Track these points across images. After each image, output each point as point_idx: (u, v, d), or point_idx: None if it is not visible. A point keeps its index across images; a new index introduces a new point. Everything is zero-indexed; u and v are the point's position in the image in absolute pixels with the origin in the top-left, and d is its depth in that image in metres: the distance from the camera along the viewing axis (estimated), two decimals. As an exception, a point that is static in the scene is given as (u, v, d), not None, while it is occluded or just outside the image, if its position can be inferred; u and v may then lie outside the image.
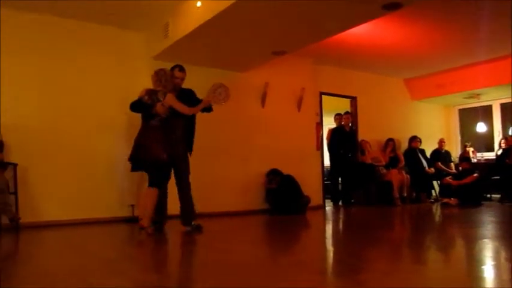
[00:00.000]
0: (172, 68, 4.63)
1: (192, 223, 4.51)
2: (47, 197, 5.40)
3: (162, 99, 4.29)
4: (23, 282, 2.53)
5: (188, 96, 4.62)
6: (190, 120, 4.68)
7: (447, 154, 9.32)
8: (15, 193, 5.00)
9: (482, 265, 2.88)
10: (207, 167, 6.28)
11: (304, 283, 2.40)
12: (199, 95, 4.80)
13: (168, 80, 4.44)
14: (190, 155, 4.72)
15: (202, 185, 6.19)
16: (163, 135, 4.35)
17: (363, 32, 6.27)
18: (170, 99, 4.32)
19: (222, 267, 3.00)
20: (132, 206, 5.80)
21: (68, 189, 5.55)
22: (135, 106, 4.43)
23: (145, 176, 5.96)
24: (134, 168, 4.49)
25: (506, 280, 2.46)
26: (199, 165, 5.95)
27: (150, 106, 4.29)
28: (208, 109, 4.65)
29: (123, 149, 5.78)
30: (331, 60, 7.82)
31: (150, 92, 4.36)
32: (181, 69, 4.66)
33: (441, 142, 9.21)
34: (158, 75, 4.43)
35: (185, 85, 5.74)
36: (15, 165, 5.08)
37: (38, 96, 5.49)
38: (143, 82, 6.15)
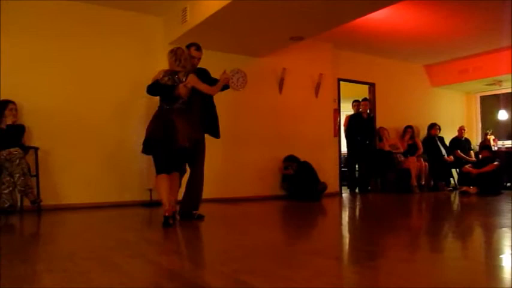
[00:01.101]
0: (188, 47, 4.32)
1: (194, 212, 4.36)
2: (67, 180, 5.52)
3: (183, 79, 3.97)
4: (45, 262, 2.60)
5: (205, 76, 4.34)
6: (209, 103, 4.45)
7: (467, 142, 9.18)
8: (37, 176, 5.11)
9: (500, 254, 2.85)
10: (224, 152, 6.32)
11: (320, 268, 2.42)
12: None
13: (187, 59, 4.11)
14: (218, 138, 4.53)
15: (219, 170, 6.25)
16: (188, 119, 4.05)
17: (383, 17, 6.17)
18: (193, 80, 4.00)
19: (239, 252, 3.03)
20: (150, 190, 5.88)
21: (88, 173, 5.65)
22: (154, 89, 4.07)
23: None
24: (148, 151, 4.05)
25: (525, 269, 2.43)
26: (216, 151, 5.99)
27: (171, 88, 3.96)
28: (225, 87, 4.36)
29: (143, 133, 5.86)
30: (350, 46, 7.72)
31: (169, 73, 4.02)
32: (199, 48, 4.35)
33: (461, 130, 9.07)
34: (176, 54, 4.05)
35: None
36: (36, 148, 5.19)
37: (59, 81, 5.57)
38: (161, 67, 6.21)
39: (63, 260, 2.61)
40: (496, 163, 7.54)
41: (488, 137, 9.15)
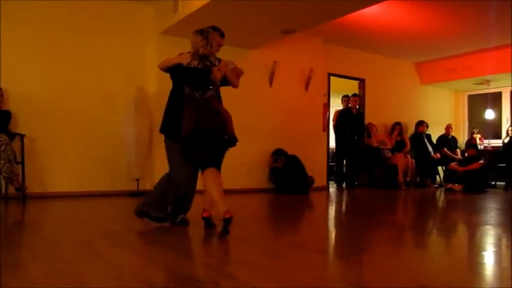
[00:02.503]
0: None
1: None
2: (53, 168, 5.47)
3: (216, 63, 3.54)
4: (29, 250, 2.58)
5: None
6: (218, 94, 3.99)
7: (453, 140, 9.27)
8: (22, 163, 5.05)
9: (483, 251, 2.90)
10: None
11: (305, 262, 2.43)
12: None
13: (216, 44, 3.61)
14: None
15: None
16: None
17: (374, 13, 6.18)
18: (226, 67, 3.57)
19: (225, 244, 3.03)
20: (138, 180, 5.85)
21: (75, 161, 5.60)
22: (184, 73, 3.47)
23: (154, 149, 6.01)
24: (195, 145, 3.39)
25: (507, 267, 2.47)
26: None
27: (206, 72, 3.49)
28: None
29: (131, 122, 5.82)
30: (341, 41, 7.73)
31: (200, 56, 3.49)
32: (223, 34, 3.89)
33: (448, 128, 9.15)
34: (208, 37, 3.53)
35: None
36: (22, 135, 5.12)
37: (47, 68, 5.50)
38: (151, 56, 6.17)
39: (47, 248, 2.59)
40: (481, 161, 7.63)
41: (474, 135, 9.26)
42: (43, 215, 4.26)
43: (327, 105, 7.80)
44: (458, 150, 9.17)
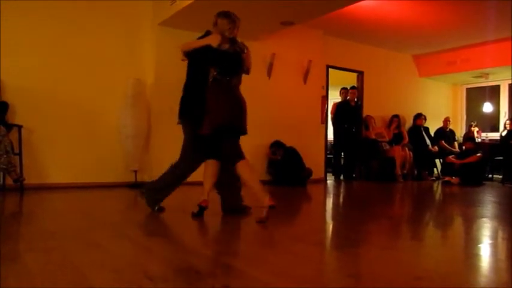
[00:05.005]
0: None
1: None
2: (51, 160, 5.46)
3: (245, 50, 3.40)
4: (27, 241, 2.58)
5: None
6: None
7: (451, 133, 9.29)
8: (20, 154, 5.04)
9: (479, 243, 2.91)
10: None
11: (302, 254, 2.44)
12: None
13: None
14: None
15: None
16: None
17: (373, 5, 6.16)
18: (250, 53, 3.41)
19: (222, 235, 3.05)
20: (135, 171, 5.85)
21: (73, 153, 5.60)
22: (212, 55, 3.27)
23: (152, 141, 6.00)
24: (217, 134, 3.30)
25: (502, 259, 2.49)
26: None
27: (239, 56, 3.33)
28: None
29: (129, 114, 5.80)
30: (340, 33, 7.71)
31: (230, 40, 3.31)
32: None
33: (446, 121, 9.16)
34: (235, 21, 3.37)
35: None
36: (20, 126, 5.10)
37: (45, 59, 5.47)
38: (148, 48, 6.14)
39: (45, 240, 2.60)
40: (479, 154, 7.65)
41: (472, 128, 9.28)
42: (41, 206, 4.27)
43: (326, 98, 7.79)
44: (456, 143, 9.19)
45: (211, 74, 3.28)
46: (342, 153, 8.17)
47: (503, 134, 8.45)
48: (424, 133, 8.76)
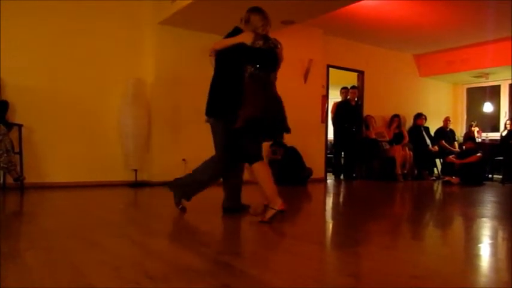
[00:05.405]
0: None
1: None
2: (51, 159, 5.46)
3: (279, 44, 3.39)
4: (27, 240, 2.58)
5: None
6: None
7: (452, 133, 9.29)
8: (20, 153, 5.04)
9: (479, 243, 2.91)
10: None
11: (303, 253, 2.44)
12: (206, 62, 4.70)
13: None
14: None
15: (207, 153, 6.23)
16: None
17: (374, 4, 6.16)
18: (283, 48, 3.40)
19: (222, 234, 3.05)
20: (135, 170, 5.85)
21: (73, 152, 5.60)
22: (248, 53, 3.24)
23: (152, 140, 6.00)
24: (254, 131, 3.23)
25: (502, 259, 2.49)
26: (203, 134, 5.95)
27: (272, 53, 3.31)
28: None
29: (129, 113, 5.80)
30: (341, 33, 7.71)
31: (263, 37, 3.29)
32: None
33: (446, 121, 9.16)
34: (267, 17, 3.38)
35: (191, 51, 5.65)
36: (20, 125, 5.10)
37: (45, 58, 5.48)
38: (149, 47, 6.14)
39: (45, 238, 2.60)
40: (479, 154, 7.65)
41: (472, 128, 9.28)
42: (41, 205, 4.27)
43: (326, 97, 7.78)
44: (456, 143, 9.19)
45: (248, 71, 3.24)
46: (342, 153, 8.17)
47: (504, 134, 8.45)
48: (424, 133, 8.76)
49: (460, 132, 9.92)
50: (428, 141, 8.72)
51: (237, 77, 3.30)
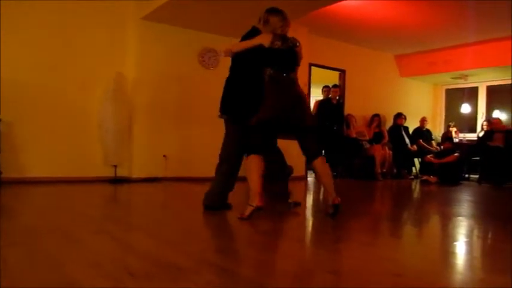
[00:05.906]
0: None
1: None
2: (30, 153, 5.37)
3: (297, 44, 3.42)
4: (6, 236, 2.54)
5: None
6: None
7: (428, 132, 9.44)
8: (-2, 147, 4.95)
9: (455, 241, 2.98)
10: (194, 133, 6.27)
11: (284, 250, 2.47)
12: (188, 59, 4.72)
13: None
14: None
15: (189, 150, 6.22)
16: None
17: (357, 4, 6.21)
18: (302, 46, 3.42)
19: (205, 232, 3.05)
20: (115, 166, 5.80)
21: (53, 147, 5.52)
22: (266, 55, 3.25)
23: (133, 136, 5.96)
24: (265, 128, 3.26)
25: (477, 257, 2.56)
26: (185, 132, 5.96)
27: (291, 53, 3.35)
28: None
29: (110, 108, 5.75)
30: (323, 31, 7.75)
31: (282, 37, 3.34)
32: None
33: (423, 121, 9.30)
34: (286, 18, 3.42)
35: (176, 48, 5.62)
36: (-2, 119, 5.01)
37: (25, 53, 5.38)
38: (131, 42, 6.08)
39: (25, 235, 2.56)
40: (456, 154, 7.81)
41: (450, 129, 9.46)
42: (20, 201, 4.19)
43: (308, 95, 7.82)
44: (433, 142, 9.34)
45: (267, 73, 3.26)
46: (323, 151, 8.21)
47: (481, 134, 8.64)
48: (404, 132, 8.89)
49: (438, 132, 10.10)
50: (407, 140, 8.85)
51: (255, 79, 3.32)
